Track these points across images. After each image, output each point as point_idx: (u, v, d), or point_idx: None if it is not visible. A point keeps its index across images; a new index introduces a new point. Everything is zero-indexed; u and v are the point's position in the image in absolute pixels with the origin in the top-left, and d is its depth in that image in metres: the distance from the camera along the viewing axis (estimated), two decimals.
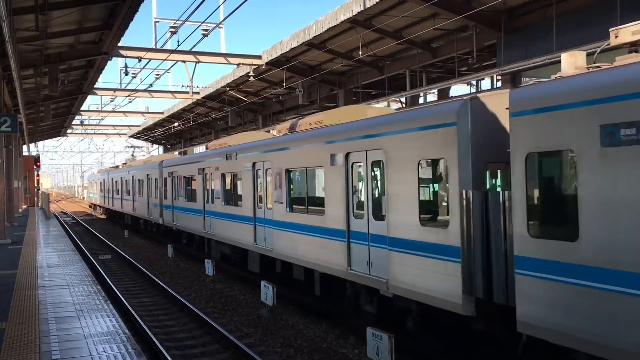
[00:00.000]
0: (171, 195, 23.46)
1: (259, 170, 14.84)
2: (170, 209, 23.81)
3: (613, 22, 13.84)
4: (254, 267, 15.62)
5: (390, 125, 9.46)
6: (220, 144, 19.40)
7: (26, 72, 20.92)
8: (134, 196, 31.82)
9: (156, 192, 26.15)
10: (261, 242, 14.71)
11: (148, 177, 27.78)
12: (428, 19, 18.42)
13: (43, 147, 74.06)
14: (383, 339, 8.21)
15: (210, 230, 19.00)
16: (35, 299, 10.05)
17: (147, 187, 27.71)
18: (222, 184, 17.78)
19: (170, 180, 23.63)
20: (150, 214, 27.57)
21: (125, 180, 34.68)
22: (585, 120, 5.99)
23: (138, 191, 30.57)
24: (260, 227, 14.80)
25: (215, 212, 18.41)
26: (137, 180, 30.80)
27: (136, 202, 31.39)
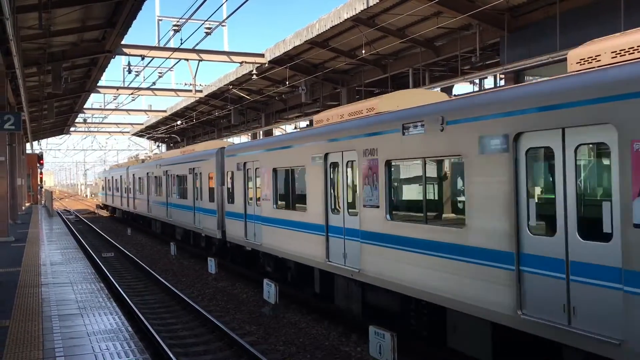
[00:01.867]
0: (241, 198, 16.33)
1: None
2: (240, 219, 16.43)
3: (617, 20, 13.82)
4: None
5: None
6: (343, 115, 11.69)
7: (30, 70, 20.97)
8: (167, 198, 25.42)
9: (210, 193, 19.54)
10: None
11: (194, 173, 21.31)
12: (431, 18, 18.41)
13: (46, 145, 74.09)
14: (385, 337, 8.22)
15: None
16: (39, 297, 10.08)
17: (193, 186, 21.48)
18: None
19: (243, 175, 16.21)
20: (198, 223, 20.87)
21: (154, 176, 28.09)
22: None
23: (176, 191, 24.03)
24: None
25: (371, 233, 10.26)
26: (172, 176, 24.58)
27: (173, 207, 24.81)
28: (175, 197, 24.16)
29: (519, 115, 6.73)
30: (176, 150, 28.00)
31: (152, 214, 28.91)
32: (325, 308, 12.58)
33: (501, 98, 7.13)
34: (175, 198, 24.24)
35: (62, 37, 18.00)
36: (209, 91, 31.87)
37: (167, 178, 25.38)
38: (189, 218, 21.99)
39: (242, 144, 18.24)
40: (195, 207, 21.13)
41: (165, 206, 25.66)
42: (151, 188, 28.78)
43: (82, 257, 15.36)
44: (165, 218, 26.01)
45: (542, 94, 6.51)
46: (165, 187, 25.71)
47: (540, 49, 15.91)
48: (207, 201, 19.67)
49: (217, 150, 18.82)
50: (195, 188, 21.16)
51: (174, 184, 24.43)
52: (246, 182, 16.10)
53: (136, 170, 33.14)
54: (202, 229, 20.44)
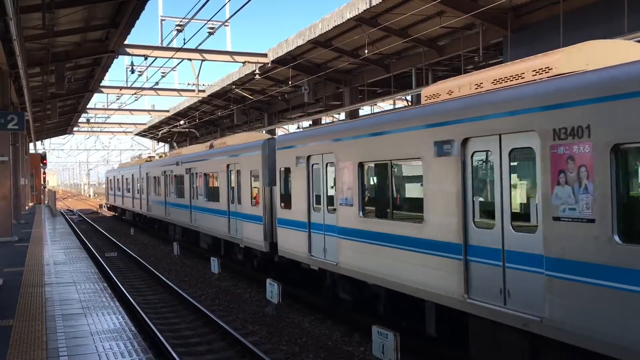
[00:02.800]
0: (303, 202, 12.68)
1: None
2: (301, 229, 12.74)
3: (620, 20, 13.78)
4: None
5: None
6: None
7: (33, 70, 21.01)
8: (191, 200, 22.04)
9: (253, 195, 15.92)
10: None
11: (229, 170, 17.74)
12: (434, 17, 18.39)
13: (49, 145, 74.22)
14: (388, 337, 8.21)
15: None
16: (42, 296, 10.09)
17: (228, 186, 17.82)
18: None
19: (306, 173, 12.56)
20: (235, 231, 17.29)
21: (173, 175, 24.94)
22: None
23: (203, 193, 20.63)
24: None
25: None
26: (197, 174, 21.27)
27: (198, 211, 21.28)
28: (202, 199, 20.69)
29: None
30: (198, 146, 25.20)
31: (170, 218, 25.58)
32: (328, 308, 12.57)
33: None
34: (201, 201, 20.81)
35: (66, 37, 18.03)
36: (211, 91, 31.88)
37: (191, 177, 22.13)
38: (221, 225, 18.38)
39: (305, 131, 14.21)
40: (231, 211, 17.63)
41: (189, 210, 22.31)
42: (170, 188, 25.54)
43: (85, 256, 15.38)
44: (187, 223, 22.66)
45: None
46: (188, 188, 22.41)
47: (544, 49, 15.78)
48: (249, 205, 16.03)
49: (264, 142, 15.05)
50: (231, 189, 17.71)
51: (199, 183, 21.13)
52: (311, 182, 12.37)
53: (151, 169, 29.59)
54: (240, 238, 16.82)
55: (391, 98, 26.22)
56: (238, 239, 17.00)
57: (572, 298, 6.24)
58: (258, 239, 15.35)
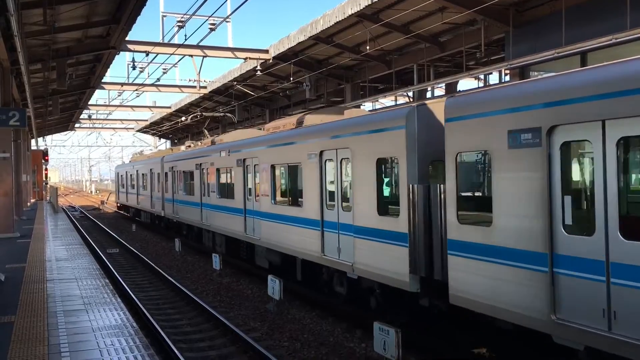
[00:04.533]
0: (535, 214, 7.03)
1: None
2: (528, 264, 7.08)
3: (622, 17, 13.74)
4: None
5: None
6: None
7: (34, 66, 21.00)
8: (246, 202, 16.34)
9: (370, 197, 10.41)
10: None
11: (326, 160, 12.00)
12: (436, 13, 18.34)
13: (51, 142, 74.33)
14: (390, 334, 8.21)
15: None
16: (44, 292, 10.11)
17: (321, 183, 12.20)
18: None
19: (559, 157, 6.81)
20: (332, 251, 11.74)
21: (215, 169, 19.17)
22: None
23: (269, 193, 14.66)
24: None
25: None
26: (262, 167, 15.10)
27: (259, 218, 15.33)
28: (267, 202, 14.76)
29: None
30: (249, 130, 20.57)
31: (209, 224, 19.86)
32: (330, 304, 12.58)
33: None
34: (265, 204, 14.83)
35: (67, 33, 18.01)
36: (213, 87, 31.85)
37: (246, 170, 16.29)
38: (307, 240, 12.61)
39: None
40: (326, 222, 11.87)
41: (242, 215, 16.34)
42: (208, 186, 19.95)
43: (87, 253, 15.40)
44: (238, 233, 16.80)
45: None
46: (241, 186, 16.54)
47: (546, 45, 15.82)
48: (369, 213, 10.29)
49: (411, 111, 9.36)
50: (326, 187, 11.96)
51: (263, 179, 14.92)
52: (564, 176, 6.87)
53: (178, 161, 24.24)
54: (348, 263, 10.91)
55: (393, 94, 26.18)
56: (343, 264, 11.14)
57: None
58: (394, 269, 9.60)
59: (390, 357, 8.17)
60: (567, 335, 6.43)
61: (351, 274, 11.02)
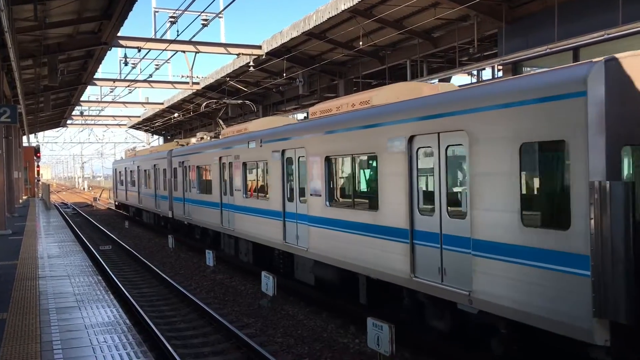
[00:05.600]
0: None
1: None
2: None
3: (614, 12, 13.78)
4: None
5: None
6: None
7: (25, 62, 20.87)
8: (285, 201, 13.27)
9: (507, 199, 7.10)
10: None
11: (418, 149, 8.75)
12: (429, 9, 18.34)
13: (43, 138, 73.99)
14: (383, 329, 8.21)
15: None
16: (36, 290, 10.06)
17: (410, 180, 8.88)
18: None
19: None
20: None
21: (240, 163, 15.96)
22: None
23: (324, 192, 11.49)
24: None
25: None
26: (309, 161, 11.98)
27: (308, 224, 12.11)
28: (318, 204, 11.58)
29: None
30: (279, 118, 17.97)
31: (237, 229, 16.38)
32: (324, 300, 12.58)
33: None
34: (316, 204, 11.64)
35: (58, 29, 17.90)
36: (206, 83, 31.76)
37: (286, 164, 13.15)
38: (390, 255, 9.32)
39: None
40: (418, 230, 8.74)
41: (280, 220, 13.39)
42: (236, 183, 16.36)
43: (79, 250, 15.34)
44: (278, 242, 13.56)
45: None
46: (279, 183, 13.38)
47: (539, 40, 15.86)
48: (511, 219, 7.10)
49: (597, 68, 6.10)
50: (417, 185, 8.85)
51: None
52: None
53: (189, 156, 21.33)
54: (469, 293, 7.65)
55: None
56: (451, 291, 7.98)
57: None
58: (558, 308, 6.50)
59: (384, 353, 8.19)
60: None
61: (466, 306, 7.79)
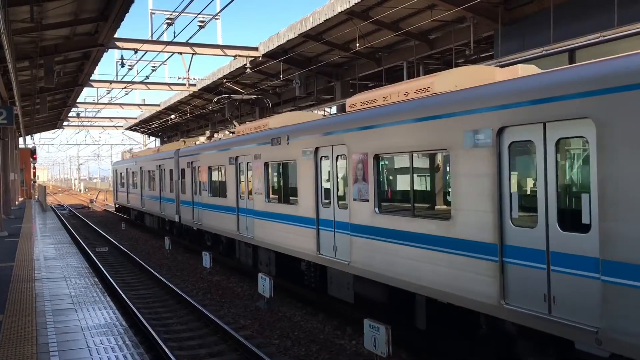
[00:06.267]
0: None
1: None
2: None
3: (610, 14, 13.82)
4: None
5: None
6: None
7: (22, 64, 20.81)
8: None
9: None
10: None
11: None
12: (425, 10, 18.37)
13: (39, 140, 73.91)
14: (380, 331, 8.22)
15: None
16: (32, 292, 10.04)
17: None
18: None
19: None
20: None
21: (258, 164, 14.27)
22: None
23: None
24: None
25: None
26: (350, 160, 10.28)
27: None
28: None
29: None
30: (304, 114, 15.41)
31: (257, 236, 14.45)
32: (320, 302, 12.58)
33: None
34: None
35: (54, 30, 17.87)
36: (202, 85, 31.74)
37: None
38: (464, 275, 7.63)
39: None
40: (510, 245, 6.96)
41: (313, 229, 11.66)
42: (257, 186, 14.36)
43: (76, 251, 15.31)
44: (310, 253, 11.80)
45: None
46: (313, 185, 11.67)
47: (535, 42, 15.90)
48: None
49: None
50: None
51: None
52: None
53: (200, 155, 19.30)
54: (597, 331, 5.74)
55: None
56: (574, 328, 6.07)
57: None
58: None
59: (381, 354, 8.19)
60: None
61: (589, 347, 5.98)
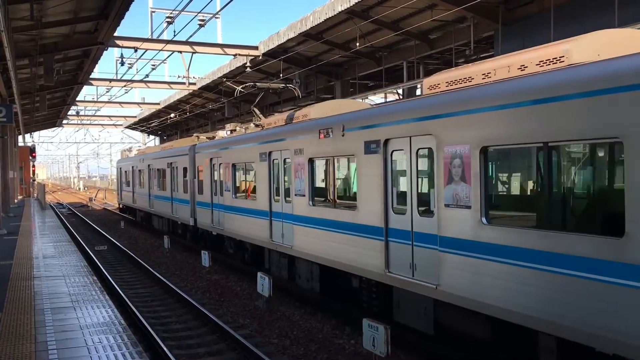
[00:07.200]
0: None
1: None
2: None
3: (610, 14, 13.82)
4: None
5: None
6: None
7: (21, 62, 20.79)
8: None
9: None
10: None
11: None
12: (426, 10, 18.37)
13: (39, 138, 73.77)
14: (379, 330, 8.22)
15: None
16: (31, 290, 10.03)
17: None
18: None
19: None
20: None
21: (300, 160, 11.94)
22: None
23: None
24: None
25: None
26: (441, 154, 7.84)
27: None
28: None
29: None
30: (346, 102, 13.29)
31: (297, 245, 12.21)
32: (319, 301, 12.58)
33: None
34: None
35: (54, 28, 17.86)
36: (202, 84, 31.73)
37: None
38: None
39: None
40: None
41: (380, 240, 9.30)
42: (299, 186, 12.11)
43: (74, 250, 15.29)
44: (375, 270, 9.50)
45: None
46: (382, 186, 9.21)
47: (535, 42, 15.86)
48: None
49: None
50: None
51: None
52: None
53: (223, 150, 16.99)
54: None
55: (382, 91, 26.20)
56: None
57: None
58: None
59: (380, 354, 8.19)
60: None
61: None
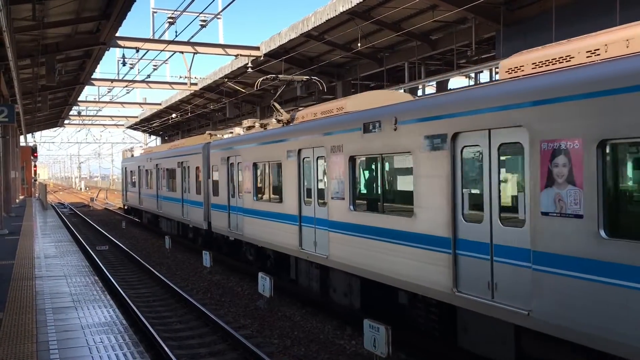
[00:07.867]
0: None
1: None
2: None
3: (612, 15, 13.81)
4: None
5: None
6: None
7: (23, 62, 20.83)
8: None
9: None
10: None
11: None
12: (427, 11, 18.36)
13: (40, 138, 73.83)
14: (380, 331, 8.22)
15: None
16: (33, 290, 10.04)
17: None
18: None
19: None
20: None
21: (340, 158, 10.29)
22: None
23: None
24: None
25: None
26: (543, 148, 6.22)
27: None
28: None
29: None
30: (385, 93, 11.82)
31: (333, 255, 10.71)
32: (320, 302, 12.58)
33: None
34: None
35: (56, 28, 17.87)
36: (204, 84, 31.75)
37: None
38: None
39: None
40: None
41: (447, 254, 7.71)
42: (336, 188, 10.54)
43: (76, 250, 15.31)
44: (442, 290, 7.82)
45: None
46: (449, 188, 7.70)
47: (536, 43, 15.84)
48: None
49: None
50: None
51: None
52: None
53: (244, 148, 15.50)
54: None
55: None
56: None
57: None
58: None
59: (380, 354, 8.19)
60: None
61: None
